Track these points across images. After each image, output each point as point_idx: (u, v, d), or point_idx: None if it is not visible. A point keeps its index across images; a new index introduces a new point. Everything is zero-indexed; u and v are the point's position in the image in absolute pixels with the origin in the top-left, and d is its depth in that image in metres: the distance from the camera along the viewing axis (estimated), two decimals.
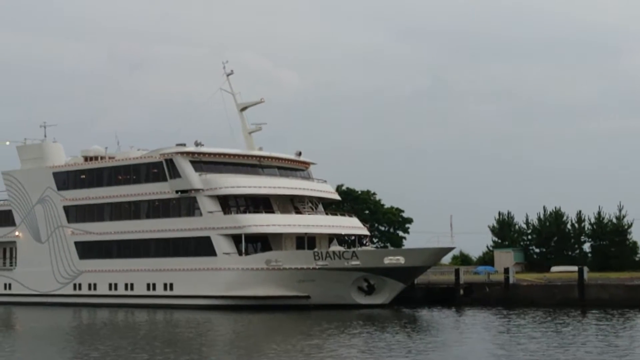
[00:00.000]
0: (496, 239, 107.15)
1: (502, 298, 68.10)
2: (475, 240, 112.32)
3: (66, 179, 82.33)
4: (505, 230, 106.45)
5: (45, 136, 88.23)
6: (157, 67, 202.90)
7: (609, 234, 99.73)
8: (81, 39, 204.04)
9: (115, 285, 77.61)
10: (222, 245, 70.84)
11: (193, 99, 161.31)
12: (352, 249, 70.69)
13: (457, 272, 72.14)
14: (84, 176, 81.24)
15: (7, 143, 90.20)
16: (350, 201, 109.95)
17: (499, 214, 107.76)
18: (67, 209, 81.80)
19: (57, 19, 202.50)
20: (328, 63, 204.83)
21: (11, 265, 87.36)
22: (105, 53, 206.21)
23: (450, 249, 72.59)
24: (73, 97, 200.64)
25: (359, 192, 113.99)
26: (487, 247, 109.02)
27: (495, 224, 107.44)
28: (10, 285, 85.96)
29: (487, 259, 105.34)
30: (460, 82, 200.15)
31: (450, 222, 70.10)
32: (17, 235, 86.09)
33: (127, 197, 77.65)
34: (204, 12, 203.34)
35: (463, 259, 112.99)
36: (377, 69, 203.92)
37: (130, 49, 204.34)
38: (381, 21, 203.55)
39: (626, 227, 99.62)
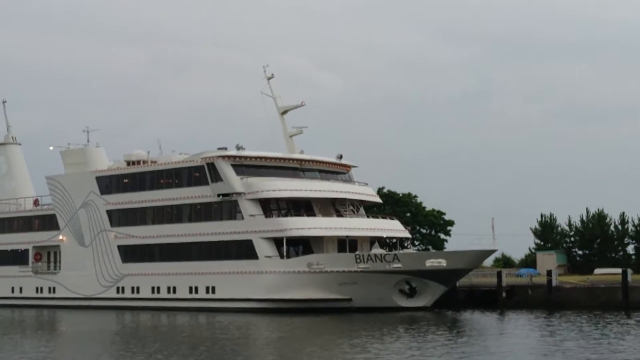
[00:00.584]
0: (538, 241, 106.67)
1: (545, 300, 67.72)
2: (518, 243, 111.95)
3: (109, 183, 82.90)
4: (547, 233, 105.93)
5: (88, 141, 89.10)
6: (199, 70, 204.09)
7: None
8: (124, 43, 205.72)
9: (158, 288, 78.05)
10: (263, 248, 71.03)
11: (234, 103, 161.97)
12: (394, 252, 70.63)
13: (499, 274, 71.85)
14: (126, 180, 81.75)
15: (51, 148, 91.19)
16: (392, 204, 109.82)
17: (541, 216, 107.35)
18: (110, 213, 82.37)
19: (100, 24, 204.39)
20: (369, 65, 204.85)
21: (55, 269, 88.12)
22: (148, 57, 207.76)
23: (492, 252, 72.26)
24: (116, 102, 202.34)
25: (400, 195, 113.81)
26: (530, 249, 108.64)
27: (537, 226, 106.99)
28: (54, 288, 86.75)
29: (529, 262, 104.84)
30: (502, 83, 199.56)
31: (492, 224, 69.61)
32: (61, 239, 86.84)
33: (169, 201, 78.07)
34: (245, 16, 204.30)
35: (505, 262, 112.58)
36: (418, 71, 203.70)
37: (173, 53, 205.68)
38: (422, 23, 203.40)
39: None
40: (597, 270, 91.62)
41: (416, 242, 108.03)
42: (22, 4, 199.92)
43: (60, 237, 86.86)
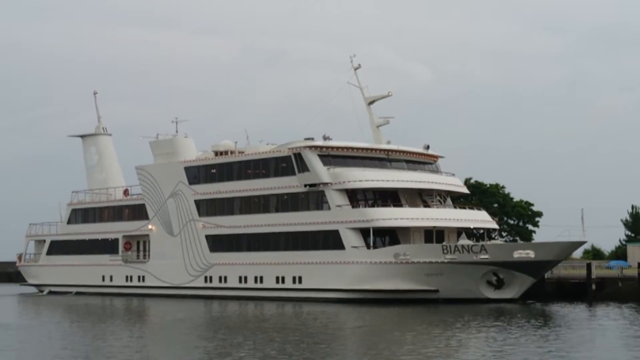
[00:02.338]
0: (629, 233, 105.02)
1: (636, 293, 66.64)
2: (608, 234, 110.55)
3: (197, 174, 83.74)
4: (638, 224, 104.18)
5: (176, 131, 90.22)
6: (287, 62, 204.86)
7: None
8: (214, 36, 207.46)
9: (245, 278, 78.62)
10: (350, 238, 71.07)
11: (322, 93, 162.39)
12: (481, 243, 70.12)
13: (588, 266, 70.86)
14: (214, 170, 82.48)
15: (141, 138, 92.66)
16: (479, 194, 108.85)
17: (632, 207, 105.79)
18: (198, 202, 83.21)
19: (191, 15, 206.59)
20: (458, 56, 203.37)
21: (144, 258, 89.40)
22: (238, 49, 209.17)
23: (581, 243, 71.27)
24: (204, 93, 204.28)
25: (488, 186, 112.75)
26: (620, 241, 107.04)
27: (628, 218, 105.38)
28: (143, 277, 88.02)
29: (619, 254, 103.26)
30: (594, 73, 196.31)
31: (581, 215, 68.77)
32: (150, 229, 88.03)
33: (256, 191, 78.54)
34: (333, 7, 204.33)
35: (595, 254, 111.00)
36: (508, 61, 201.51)
37: (262, 45, 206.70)
38: (513, 13, 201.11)
39: None
40: None
41: (504, 234, 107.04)
42: None
43: (150, 226, 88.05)
